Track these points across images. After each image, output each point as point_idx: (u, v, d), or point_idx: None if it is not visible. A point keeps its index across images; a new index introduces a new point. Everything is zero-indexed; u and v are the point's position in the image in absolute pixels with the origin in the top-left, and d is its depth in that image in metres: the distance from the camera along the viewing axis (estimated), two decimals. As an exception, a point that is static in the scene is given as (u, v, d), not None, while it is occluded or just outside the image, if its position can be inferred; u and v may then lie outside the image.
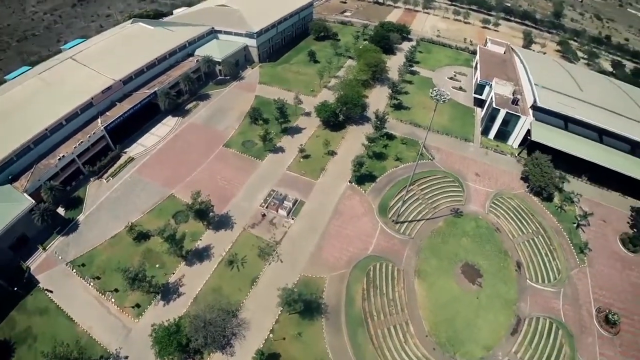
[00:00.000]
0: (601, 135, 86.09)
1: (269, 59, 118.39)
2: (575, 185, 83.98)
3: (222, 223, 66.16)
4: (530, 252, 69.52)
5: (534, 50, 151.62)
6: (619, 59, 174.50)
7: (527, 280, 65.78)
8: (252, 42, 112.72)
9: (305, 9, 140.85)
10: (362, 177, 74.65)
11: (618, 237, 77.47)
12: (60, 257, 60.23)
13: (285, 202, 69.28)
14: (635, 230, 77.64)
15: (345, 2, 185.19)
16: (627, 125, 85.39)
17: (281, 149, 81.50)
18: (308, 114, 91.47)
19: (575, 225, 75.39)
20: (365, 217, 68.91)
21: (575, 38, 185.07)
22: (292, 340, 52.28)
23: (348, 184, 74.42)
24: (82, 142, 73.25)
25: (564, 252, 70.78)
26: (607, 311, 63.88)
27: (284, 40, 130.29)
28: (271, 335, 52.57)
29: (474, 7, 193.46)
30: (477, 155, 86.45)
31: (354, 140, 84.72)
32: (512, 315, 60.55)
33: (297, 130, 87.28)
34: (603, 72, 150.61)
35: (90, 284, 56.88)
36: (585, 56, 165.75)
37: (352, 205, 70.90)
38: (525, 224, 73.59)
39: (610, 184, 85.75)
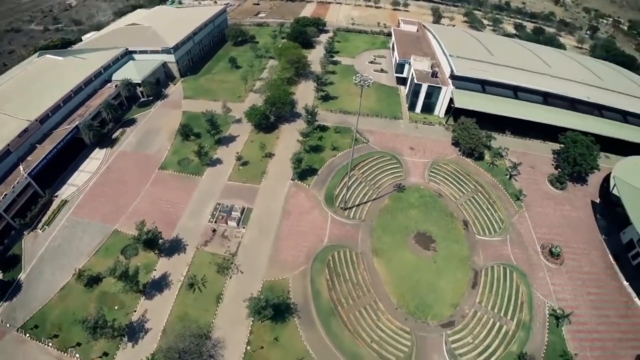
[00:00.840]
0: (516, 92, 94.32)
1: (190, 72, 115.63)
2: (501, 140, 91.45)
3: (174, 248, 64.37)
4: (473, 210, 74.96)
5: (444, 24, 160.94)
6: (519, 21, 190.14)
7: (476, 235, 71.05)
8: (170, 58, 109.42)
9: (220, 15, 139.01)
10: (304, 173, 75.98)
11: (546, 179, 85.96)
12: (8, 325, 54.86)
13: (232, 212, 68.75)
14: (559, 170, 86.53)
15: (258, 4, 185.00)
16: (535, 79, 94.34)
17: (219, 161, 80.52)
18: (239, 121, 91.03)
19: (507, 176, 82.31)
20: (314, 211, 70.40)
21: (479, 8, 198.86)
22: (271, 347, 52.41)
23: (291, 182, 75.36)
24: (6, 194, 67.17)
25: (503, 203, 77.32)
26: (550, 246, 71.48)
27: (203, 51, 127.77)
28: (248, 347, 52.32)
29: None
30: (408, 130, 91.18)
31: (289, 139, 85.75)
32: (469, 270, 65.33)
33: (231, 139, 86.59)
34: (508, 35, 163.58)
35: (48, 345, 52.57)
36: (490, 23, 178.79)
37: (299, 201, 72.07)
38: (463, 184, 79.09)
39: (531, 133, 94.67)
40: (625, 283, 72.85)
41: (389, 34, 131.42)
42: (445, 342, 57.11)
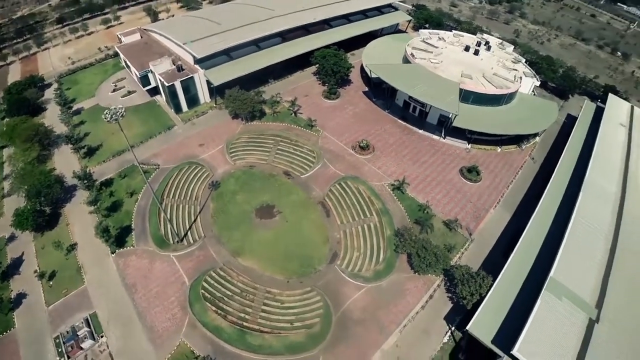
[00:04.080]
0: (257, 44, 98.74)
1: None
2: (270, 90, 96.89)
3: None
4: (285, 159, 78.56)
5: (163, 19, 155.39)
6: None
7: (300, 176, 75.09)
8: None
9: None
10: (119, 238, 66.11)
11: (322, 97, 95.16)
12: None
13: (79, 332, 55.98)
14: (326, 85, 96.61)
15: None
16: (264, 26, 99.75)
17: (22, 296, 62.67)
18: (12, 238, 71.78)
19: (292, 114, 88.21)
20: (155, 264, 62.92)
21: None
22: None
23: (113, 256, 65.11)
24: None
25: (304, 138, 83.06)
26: (357, 144, 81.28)
27: None
28: None
29: (87, 15, 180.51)
30: (187, 131, 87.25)
31: (80, 217, 72.44)
32: (316, 205, 69.66)
33: (17, 262, 67.80)
34: (224, 1, 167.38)
35: None
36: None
37: (135, 267, 63.17)
38: (263, 144, 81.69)
39: (290, 69, 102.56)
40: (420, 131, 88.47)
41: (117, 54, 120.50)
42: (342, 272, 61.15)
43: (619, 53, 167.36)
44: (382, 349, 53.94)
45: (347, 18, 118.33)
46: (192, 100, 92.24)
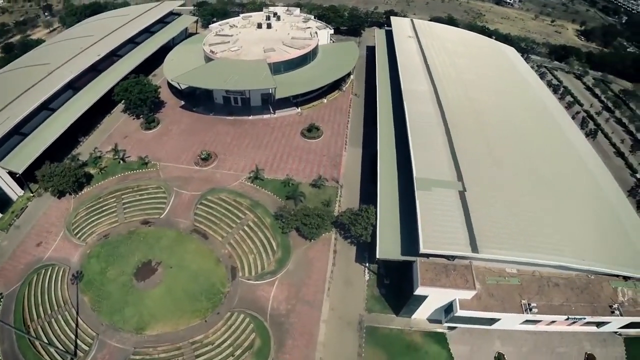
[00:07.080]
0: (48, 108, 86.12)
1: None
2: (86, 148, 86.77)
3: None
4: (136, 209, 72.51)
5: None
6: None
7: (160, 217, 70.73)
8: None
9: None
10: None
11: (142, 130, 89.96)
12: None
13: None
14: (141, 116, 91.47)
15: None
16: (48, 84, 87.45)
17: None
18: None
19: (120, 162, 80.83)
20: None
21: None
22: None
23: None
24: None
25: (145, 179, 77.72)
26: (198, 157, 79.46)
27: None
28: None
29: None
30: (15, 238, 69.56)
31: None
32: (190, 235, 67.31)
33: None
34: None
35: None
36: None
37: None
38: (108, 207, 73.51)
39: (96, 117, 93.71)
40: (250, 117, 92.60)
41: None
42: (248, 280, 61.34)
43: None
44: (323, 320, 56.86)
45: (134, 41, 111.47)
46: (2, 202, 76.86)
